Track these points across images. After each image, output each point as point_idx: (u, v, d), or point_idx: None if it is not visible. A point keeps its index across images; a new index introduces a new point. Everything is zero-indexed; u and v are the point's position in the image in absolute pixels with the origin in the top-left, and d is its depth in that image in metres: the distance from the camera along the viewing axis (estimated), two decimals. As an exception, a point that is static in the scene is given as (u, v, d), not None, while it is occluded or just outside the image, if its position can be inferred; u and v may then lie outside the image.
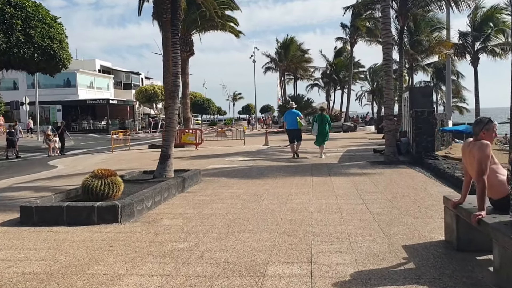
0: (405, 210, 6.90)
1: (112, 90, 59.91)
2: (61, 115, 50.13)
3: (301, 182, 10.05)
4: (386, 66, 13.44)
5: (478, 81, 24.50)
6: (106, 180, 7.32)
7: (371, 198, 7.97)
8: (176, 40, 10.10)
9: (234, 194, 8.69)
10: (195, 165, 14.34)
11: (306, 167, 13.07)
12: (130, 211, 6.70)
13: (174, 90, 10.10)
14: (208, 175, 11.74)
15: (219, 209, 7.30)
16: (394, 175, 10.86)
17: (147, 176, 10.30)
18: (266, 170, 12.60)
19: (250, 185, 9.81)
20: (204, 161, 15.92)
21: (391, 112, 13.62)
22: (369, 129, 41.74)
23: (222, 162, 15.32)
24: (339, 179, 10.49)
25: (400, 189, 8.79)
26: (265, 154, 17.65)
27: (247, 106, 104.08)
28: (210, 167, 13.68)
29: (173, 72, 10.12)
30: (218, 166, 14.00)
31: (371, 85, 72.69)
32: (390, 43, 13.51)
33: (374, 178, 10.46)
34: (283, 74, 56.31)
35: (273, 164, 14.12)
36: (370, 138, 27.84)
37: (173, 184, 8.66)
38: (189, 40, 32.27)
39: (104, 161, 18.10)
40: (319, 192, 8.72)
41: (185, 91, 32.70)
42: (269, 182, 10.15)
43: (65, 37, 19.78)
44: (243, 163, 14.70)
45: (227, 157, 17.12)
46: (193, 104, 56.97)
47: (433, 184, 9.39)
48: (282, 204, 7.60)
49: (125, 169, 14.21)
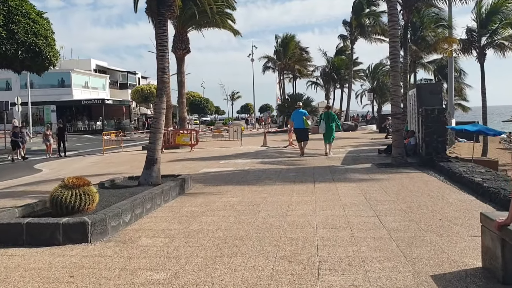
0: (425, 224, 5.90)
1: (108, 90, 58.85)
2: (55, 115, 49.05)
3: (303, 189, 9.04)
4: (393, 60, 12.45)
5: (484, 78, 23.54)
6: (78, 191, 6.33)
7: (383, 208, 6.97)
8: (163, 31, 9.10)
9: (227, 204, 7.68)
10: (188, 169, 13.35)
11: (307, 170, 12.07)
12: (102, 228, 5.69)
13: (161, 87, 9.09)
14: (200, 181, 10.73)
15: (208, 224, 6.29)
16: (404, 180, 9.86)
17: (132, 183, 9.30)
18: (264, 174, 11.60)
19: (245, 193, 8.81)
20: (198, 163, 14.92)
21: (399, 110, 12.62)
22: (370, 128, 40.79)
23: (217, 165, 14.31)
24: (345, 185, 9.49)
25: (414, 197, 7.78)
26: (263, 156, 16.65)
27: (246, 106, 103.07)
28: (204, 171, 12.68)
29: (160, 67, 9.11)
30: (213, 169, 12.99)
31: (371, 83, 71.82)
32: (397, 35, 12.52)
33: (383, 183, 9.46)
34: (282, 73, 55.27)
35: (272, 167, 13.12)
36: (373, 137, 26.88)
37: (158, 193, 7.65)
38: (184, 37, 31.23)
39: (93, 164, 17.10)
40: (323, 201, 7.72)
41: (181, 90, 31.68)
42: (267, 189, 9.14)
43: (52, 34, 18.74)
44: (240, 166, 13.70)
45: (223, 159, 16.11)
46: (191, 104, 55.94)
47: (450, 190, 8.39)
48: (281, 216, 6.60)
49: (112, 173, 13.22)
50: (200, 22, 31.06)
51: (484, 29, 23.07)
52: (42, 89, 50.72)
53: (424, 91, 14.28)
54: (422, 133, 12.52)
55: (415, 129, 15.21)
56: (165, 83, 9.06)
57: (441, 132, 12.21)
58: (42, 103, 49.91)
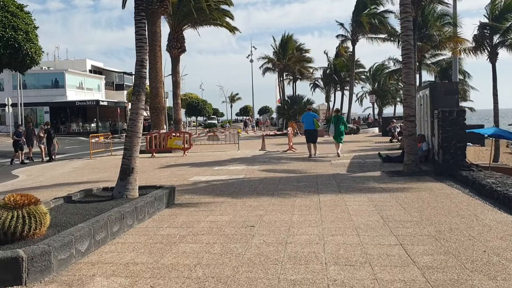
0: (467, 259, 4.53)
1: (103, 91, 57.52)
2: (48, 117, 47.66)
3: (306, 203, 7.67)
4: (405, 56, 11.10)
5: (496, 79, 22.20)
6: (21, 212, 4.97)
7: (406, 233, 5.60)
8: (141, 18, 7.73)
9: (214, 225, 6.30)
10: (176, 176, 11.99)
11: (310, 179, 10.70)
12: (44, 264, 4.32)
13: (139, 84, 7.73)
14: (188, 192, 9.35)
15: (186, 256, 4.92)
16: (423, 192, 8.49)
17: (105, 195, 7.94)
18: (261, 184, 10.23)
19: (238, 209, 7.43)
20: (188, 170, 13.54)
21: (412, 112, 11.25)
22: (372, 132, 39.39)
23: (210, 172, 12.93)
24: (354, 198, 8.12)
25: (441, 217, 6.41)
26: (261, 162, 15.28)
27: (245, 108, 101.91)
28: (194, 180, 11.30)
29: (138, 60, 7.75)
30: (203, 178, 11.61)
31: (372, 85, 70.51)
32: (410, 28, 11.17)
33: (399, 197, 8.09)
34: (282, 74, 53.96)
35: (270, 175, 11.75)
36: (377, 141, 25.50)
37: (130, 211, 6.27)
38: (180, 36, 29.94)
39: (76, 170, 15.71)
40: (331, 221, 6.35)
41: (176, 91, 30.37)
42: (264, 204, 7.77)
43: (34, 29, 17.38)
44: (234, 173, 12.33)
45: (217, 165, 14.74)
46: (188, 106, 54.63)
47: (482, 208, 7.02)
48: (280, 244, 5.23)
49: (93, 181, 11.86)
50: (196, 20, 29.78)
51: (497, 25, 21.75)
52: (35, 90, 49.48)
53: (438, 91, 12.94)
54: (438, 137, 11.15)
55: (427, 133, 13.87)
56: (143, 79, 7.69)
57: (460, 136, 10.84)
58: (35, 104, 48.55)
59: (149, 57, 22.70)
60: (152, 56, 22.35)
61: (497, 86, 22.30)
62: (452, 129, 10.87)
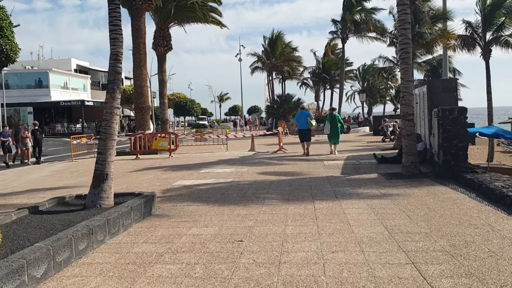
0: (495, 282, 3.84)
1: (89, 91, 56.24)
2: (32, 117, 46.34)
3: (300, 212, 6.94)
4: (403, 51, 10.43)
5: (490, 77, 21.71)
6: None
7: (416, 248, 4.90)
8: (115, 6, 6.92)
9: (197, 240, 5.55)
10: (159, 180, 11.20)
11: (303, 182, 9.98)
12: (-15, 299, 3.53)
13: (114, 80, 6.93)
14: (170, 199, 8.57)
15: (162, 281, 4.15)
16: (426, 197, 7.81)
17: (77, 203, 7.14)
18: (251, 188, 9.48)
19: (225, 218, 6.68)
20: (173, 173, 12.74)
21: (411, 110, 10.58)
22: (363, 131, 38.89)
23: (196, 175, 12.15)
24: (353, 204, 7.41)
25: (452, 228, 5.73)
26: (250, 163, 14.53)
27: (234, 107, 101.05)
28: (178, 184, 10.51)
29: (113, 53, 6.94)
30: (189, 182, 10.83)
31: (361, 84, 70.14)
32: (408, 22, 10.51)
33: (401, 202, 7.41)
34: (271, 73, 53.24)
35: (260, 178, 11.00)
36: (369, 141, 24.90)
37: (101, 224, 5.49)
38: (166, 33, 29.04)
39: (54, 174, 14.82)
40: (329, 233, 5.62)
41: (163, 90, 29.45)
42: (254, 212, 7.02)
43: (9, 25, 16.42)
44: (222, 176, 11.56)
45: (204, 167, 13.95)
46: (176, 105, 53.67)
47: (495, 215, 6.34)
48: (273, 264, 4.49)
49: (69, 186, 11.02)
50: (182, 17, 28.94)
51: (488, 21, 21.23)
52: (19, 90, 48.14)
53: (436, 88, 12.33)
54: (439, 137, 10.50)
55: (424, 132, 13.24)
56: (118, 74, 6.89)
57: (462, 136, 10.20)
58: (18, 105, 47.19)
59: (134, 55, 21.86)
60: (137, 54, 21.51)
61: (491, 84, 21.84)
62: (453, 128, 10.24)
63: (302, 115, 17.00)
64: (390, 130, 23.21)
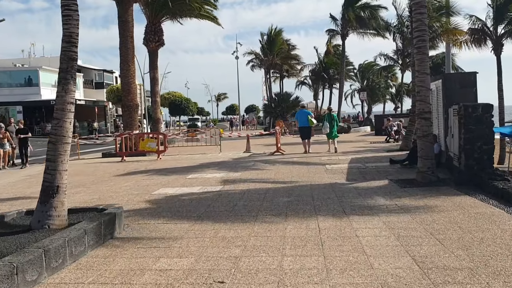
0: None
1: (82, 90, 54.56)
2: (22, 117, 44.81)
3: (301, 234, 5.53)
4: (419, 39, 9.02)
5: (501, 73, 20.36)
6: None
7: (465, 296, 3.50)
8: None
9: (164, 279, 4.13)
10: (139, 188, 9.78)
11: (303, 191, 8.57)
12: None
13: (67, 68, 5.50)
14: (143, 214, 7.15)
15: None
16: (453, 212, 6.42)
17: (22, 223, 5.72)
18: (242, 199, 8.06)
19: (205, 244, 5.26)
20: (157, 179, 11.32)
21: (428, 107, 9.16)
22: (364, 130, 37.50)
23: (181, 181, 10.73)
24: (365, 222, 6.01)
25: (503, 260, 4.33)
26: (244, 167, 13.12)
27: (232, 107, 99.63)
28: (157, 194, 9.08)
29: (65, 35, 5.51)
30: (171, 190, 9.40)
31: (360, 83, 68.73)
32: (424, 5, 9.10)
33: (425, 220, 6.01)
34: (269, 71, 51.76)
35: (254, 186, 9.59)
36: (371, 141, 23.49)
37: (33, 259, 4.06)
38: (158, 28, 27.61)
39: (27, 179, 13.39)
40: (341, 269, 4.22)
41: (155, 88, 28.07)
42: (243, 234, 5.61)
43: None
44: (210, 183, 10.15)
45: (192, 172, 12.54)
46: (170, 104, 52.14)
47: (551, 240, 4.95)
48: (263, 328, 3.07)
49: (34, 196, 9.58)
50: (175, 10, 27.51)
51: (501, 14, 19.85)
52: (8, 88, 46.60)
53: (453, 83, 10.95)
54: (460, 139, 9.10)
55: (439, 132, 11.86)
56: (73, 62, 5.48)
57: (487, 137, 8.81)
58: (7, 104, 45.66)
59: (121, 49, 20.40)
60: (124, 48, 20.05)
61: (502, 81, 20.48)
62: (477, 128, 8.85)
63: (302, 113, 17.14)
64: (394, 129, 21.80)
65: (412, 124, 17.16)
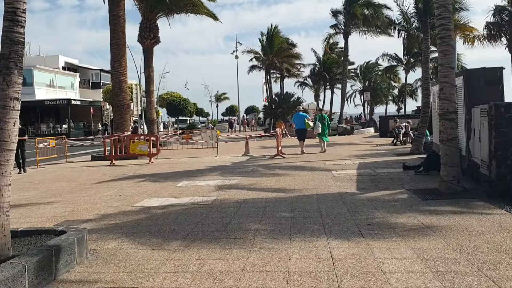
0: None
1: (78, 90, 53.44)
2: (15, 117, 43.54)
3: (309, 268, 4.31)
4: (443, 28, 7.81)
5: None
6: None
7: None
8: None
9: None
10: (120, 199, 8.57)
11: (309, 204, 7.34)
12: None
13: (9, 54, 4.28)
14: (117, 233, 5.91)
15: None
16: (497, 236, 5.20)
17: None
18: (237, 214, 6.84)
19: (187, 284, 4.03)
20: (142, 187, 10.09)
21: (453, 107, 7.92)
22: (368, 132, 36.22)
23: (170, 190, 9.51)
24: (390, 250, 4.78)
25: None
26: (241, 173, 11.90)
27: (231, 107, 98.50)
28: (140, 206, 7.85)
29: (8, 11, 4.28)
30: (157, 202, 8.17)
31: (362, 83, 67.48)
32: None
33: (464, 247, 4.79)
34: (269, 71, 50.51)
35: (251, 196, 8.36)
36: (378, 143, 22.23)
37: None
38: (153, 25, 26.45)
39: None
40: (370, 331, 2.99)
41: (149, 87, 26.91)
42: (235, 268, 4.38)
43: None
44: (203, 193, 8.93)
45: (184, 178, 11.32)
46: (168, 105, 50.97)
47: None
48: None
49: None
50: (171, 6, 26.34)
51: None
52: (1, 88, 45.35)
53: (476, 79, 9.72)
54: (490, 143, 7.87)
55: (460, 136, 10.61)
56: (17, 46, 4.27)
57: (522, 141, 7.58)
58: (0, 104, 44.39)
59: (112, 46, 19.16)
60: (115, 45, 18.83)
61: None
62: (510, 131, 7.62)
63: (299, 116, 17.68)
64: (402, 131, 20.55)
65: (424, 126, 15.96)
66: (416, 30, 27.01)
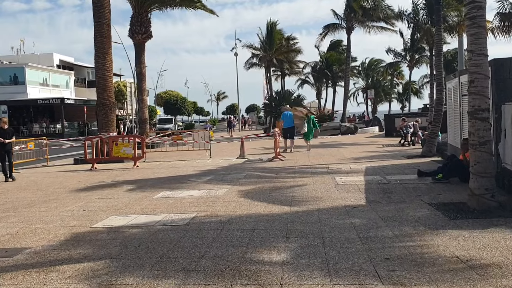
0: None
1: (73, 88, 52.00)
2: (7, 117, 42.17)
3: None
4: (473, 6, 6.27)
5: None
6: None
7: None
8: None
9: None
10: (82, 215, 7.12)
11: (309, 224, 5.85)
12: None
13: None
14: (51, 275, 4.44)
15: None
16: None
17: None
18: (216, 241, 5.35)
19: None
20: (114, 199, 8.62)
21: (485, 103, 6.41)
22: (372, 131, 34.67)
23: (145, 204, 8.03)
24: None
25: None
26: (233, 180, 10.42)
27: (232, 106, 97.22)
28: (101, 227, 6.37)
29: None
30: (122, 220, 6.69)
31: (365, 81, 65.92)
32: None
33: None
34: (269, 68, 48.98)
35: (239, 212, 6.88)
36: (384, 144, 20.71)
37: None
38: (144, 19, 25.04)
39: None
40: None
41: (141, 85, 25.44)
42: None
43: None
44: (182, 208, 7.46)
45: (166, 187, 9.85)
46: (165, 104, 49.48)
47: None
48: None
49: None
50: (163, 0, 24.95)
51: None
52: (-5, 86, 44.04)
53: (507, 71, 8.24)
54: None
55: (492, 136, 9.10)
56: None
57: None
58: (-8, 103, 43.09)
59: (95, 39, 17.64)
60: (99, 38, 17.36)
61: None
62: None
63: (287, 115, 18.14)
64: (411, 131, 19.04)
65: (437, 125, 14.46)
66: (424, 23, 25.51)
